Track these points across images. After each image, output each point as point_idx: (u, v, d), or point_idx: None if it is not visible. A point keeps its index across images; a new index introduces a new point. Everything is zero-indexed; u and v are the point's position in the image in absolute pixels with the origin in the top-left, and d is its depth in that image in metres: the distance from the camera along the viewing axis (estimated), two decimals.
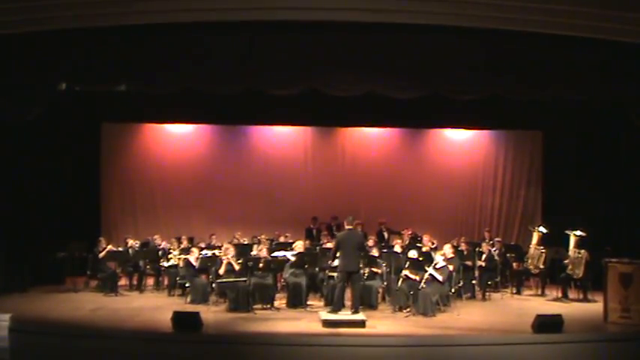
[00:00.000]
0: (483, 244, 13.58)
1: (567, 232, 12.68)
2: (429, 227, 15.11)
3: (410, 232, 14.54)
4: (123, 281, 13.49)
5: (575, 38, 10.68)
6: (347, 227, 10.93)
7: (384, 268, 11.94)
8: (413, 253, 11.65)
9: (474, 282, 13.00)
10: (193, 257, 12.32)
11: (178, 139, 16.50)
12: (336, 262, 10.90)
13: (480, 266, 13.14)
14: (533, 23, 10.38)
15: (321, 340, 9.28)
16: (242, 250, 12.52)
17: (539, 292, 13.45)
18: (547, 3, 9.76)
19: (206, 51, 11.14)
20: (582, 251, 12.46)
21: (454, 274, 11.93)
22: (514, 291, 13.51)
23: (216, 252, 12.25)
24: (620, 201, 14.52)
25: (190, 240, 14.07)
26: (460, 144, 16.92)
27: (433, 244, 13.54)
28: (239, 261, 11.64)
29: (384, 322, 10.42)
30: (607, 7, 9.77)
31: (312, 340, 9.24)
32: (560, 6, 9.83)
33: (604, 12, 9.88)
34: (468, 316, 11.06)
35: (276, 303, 11.61)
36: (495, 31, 10.65)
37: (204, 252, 12.49)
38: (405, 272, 11.35)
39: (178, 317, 9.47)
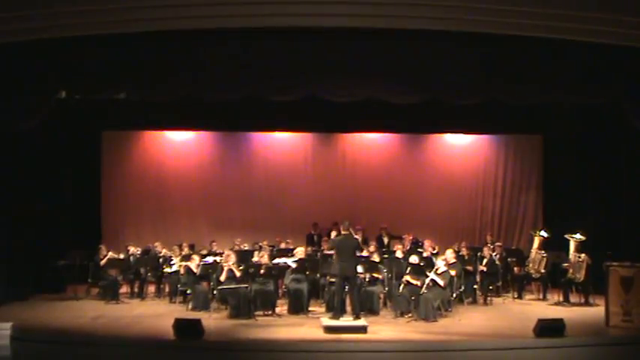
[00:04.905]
0: (484, 249, 13.56)
1: (566, 236, 12.68)
2: (430, 232, 15.14)
3: (411, 237, 14.53)
4: (124, 289, 13.48)
5: (574, 42, 10.71)
6: (343, 232, 10.91)
7: (385, 273, 11.95)
8: (414, 259, 11.66)
9: (475, 287, 13.00)
10: (194, 264, 12.32)
11: (179, 146, 16.53)
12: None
13: (482, 271, 13.14)
14: (532, 27, 10.40)
15: (322, 346, 9.27)
16: (243, 257, 12.52)
17: (541, 296, 13.44)
18: (546, 7, 9.79)
19: (206, 58, 11.17)
20: (583, 255, 12.47)
21: (455, 279, 11.93)
22: (515, 295, 13.49)
23: (217, 259, 12.25)
24: (620, 204, 14.51)
25: (191, 247, 14.07)
26: (460, 148, 16.92)
27: (434, 249, 13.57)
28: (240, 267, 11.64)
29: (386, 328, 10.41)
30: (605, 11, 9.78)
31: (314, 346, 9.24)
32: (559, 10, 9.85)
33: (602, 15, 9.89)
34: (469, 321, 11.05)
35: (278, 309, 11.60)
36: (494, 36, 10.68)
37: (205, 259, 12.48)
38: (407, 277, 11.35)
39: (180, 324, 9.46)
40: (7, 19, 9.90)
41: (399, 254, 12.59)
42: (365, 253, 12.21)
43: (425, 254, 12.90)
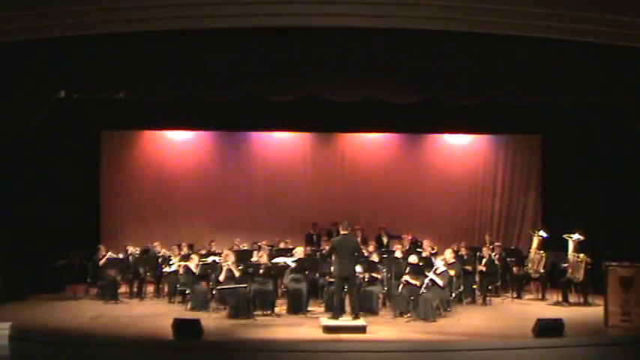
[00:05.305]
0: (484, 249, 13.56)
1: (565, 236, 12.68)
2: (429, 232, 15.15)
3: (410, 237, 14.54)
4: (123, 289, 13.46)
5: (574, 42, 10.71)
6: (342, 232, 10.92)
7: (385, 273, 11.94)
8: (413, 258, 11.66)
9: (474, 287, 13.00)
10: (193, 264, 12.32)
11: (178, 145, 16.52)
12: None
13: (481, 271, 13.14)
14: (532, 28, 10.41)
15: (321, 346, 9.27)
16: (242, 257, 12.52)
17: (540, 296, 13.44)
18: (545, 7, 9.79)
19: (205, 58, 11.16)
20: (581, 255, 12.47)
21: (454, 279, 11.93)
22: (514, 295, 13.49)
23: (217, 259, 12.25)
24: (619, 204, 14.51)
25: (190, 247, 14.07)
26: (459, 148, 16.93)
27: (433, 248, 13.57)
28: (239, 267, 11.64)
29: (385, 328, 10.41)
30: (605, 11, 9.79)
31: (313, 346, 9.24)
32: (558, 10, 9.85)
33: (602, 16, 9.90)
34: (468, 321, 11.06)
35: (277, 309, 11.59)
36: (494, 36, 10.68)
37: (204, 259, 12.47)
38: (406, 277, 11.36)
39: (179, 324, 9.46)
40: (7, 19, 9.90)
41: (398, 254, 12.59)
42: (364, 253, 12.21)
43: (424, 254, 12.90)
